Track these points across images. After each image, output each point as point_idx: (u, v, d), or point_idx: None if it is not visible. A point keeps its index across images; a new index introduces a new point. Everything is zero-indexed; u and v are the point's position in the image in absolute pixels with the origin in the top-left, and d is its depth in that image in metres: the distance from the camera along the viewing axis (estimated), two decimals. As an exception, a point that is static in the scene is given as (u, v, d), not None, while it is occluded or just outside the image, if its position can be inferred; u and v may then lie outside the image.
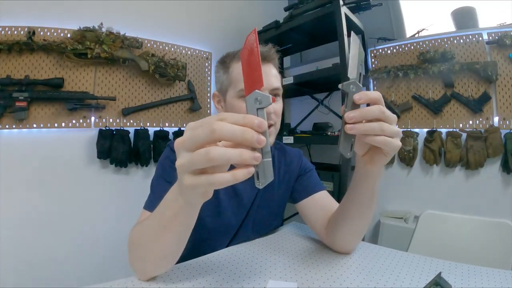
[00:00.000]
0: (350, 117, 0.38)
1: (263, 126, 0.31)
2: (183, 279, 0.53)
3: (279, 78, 0.70)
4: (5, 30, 1.23)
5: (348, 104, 0.39)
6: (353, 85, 0.39)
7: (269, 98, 0.32)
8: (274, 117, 0.67)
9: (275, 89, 0.67)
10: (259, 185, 0.33)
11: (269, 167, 0.32)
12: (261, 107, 0.32)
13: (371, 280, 0.54)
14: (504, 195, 1.38)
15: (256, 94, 0.32)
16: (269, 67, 0.68)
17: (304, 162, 0.81)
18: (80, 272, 1.37)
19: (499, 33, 1.39)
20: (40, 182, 1.31)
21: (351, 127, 0.38)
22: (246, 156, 0.30)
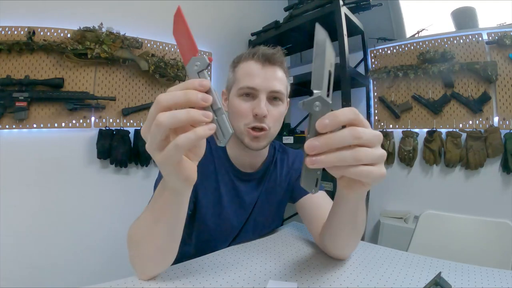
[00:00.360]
0: (311, 148, 0.30)
1: (205, 84, 0.32)
2: (183, 279, 0.53)
3: (284, 82, 0.68)
4: (5, 30, 1.23)
5: (311, 129, 0.31)
6: (319, 102, 0.30)
7: (205, 59, 0.33)
8: (268, 121, 0.64)
9: (274, 91, 0.64)
10: (220, 143, 0.33)
11: (223, 123, 0.33)
12: (201, 70, 0.33)
13: (371, 280, 0.55)
14: (504, 195, 1.39)
15: (194, 60, 0.33)
16: (273, 70, 0.65)
17: None
18: (80, 272, 1.37)
19: (499, 33, 1.39)
20: (40, 182, 1.31)
21: (312, 160, 0.30)
22: (194, 113, 0.31)
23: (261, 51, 0.65)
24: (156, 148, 0.33)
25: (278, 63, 0.66)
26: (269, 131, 0.65)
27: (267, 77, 0.64)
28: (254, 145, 0.65)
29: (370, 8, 1.62)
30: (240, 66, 0.68)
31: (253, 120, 0.63)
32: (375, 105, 1.82)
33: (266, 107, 0.63)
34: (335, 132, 0.30)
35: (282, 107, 0.68)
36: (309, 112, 0.31)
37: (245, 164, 0.73)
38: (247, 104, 0.64)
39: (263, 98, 0.63)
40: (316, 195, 0.71)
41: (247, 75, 0.65)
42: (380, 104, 1.79)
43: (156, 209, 0.45)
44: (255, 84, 0.63)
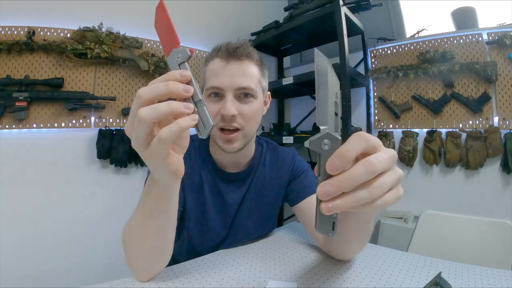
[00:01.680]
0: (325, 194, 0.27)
1: (186, 75, 0.32)
2: (183, 279, 0.53)
3: (255, 76, 0.62)
4: (5, 30, 1.23)
5: (321, 170, 0.28)
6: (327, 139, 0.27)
7: (186, 51, 0.33)
8: (240, 120, 0.60)
9: (241, 88, 0.60)
10: (201, 135, 0.33)
11: (204, 115, 0.33)
12: (182, 61, 0.33)
13: (371, 280, 0.54)
14: (504, 195, 1.38)
15: (175, 52, 0.33)
16: (239, 64, 0.61)
17: (298, 163, 0.76)
18: (80, 272, 1.37)
19: (499, 33, 1.39)
20: (40, 182, 1.31)
21: (329, 208, 0.27)
22: (175, 105, 0.31)
23: (224, 46, 0.62)
24: (141, 144, 0.33)
25: (245, 56, 0.61)
26: (242, 131, 0.61)
27: (233, 74, 0.60)
28: (228, 148, 0.62)
29: (370, 8, 1.62)
30: (207, 65, 0.64)
31: (221, 121, 0.60)
32: (375, 105, 1.82)
33: (234, 106, 0.59)
34: (348, 170, 0.27)
35: (255, 103, 0.63)
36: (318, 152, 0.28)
37: (227, 163, 0.71)
38: (215, 105, 0.60)
39: (230, 97, 0.59)
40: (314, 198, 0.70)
41: (212, 74, 0.61)
42: (380, 104, 1.79)
43: (146, 208, 0.45)
44: (219, 83, 0.59)
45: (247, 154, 0.72)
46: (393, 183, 0.29)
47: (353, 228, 0.48)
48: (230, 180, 0.72)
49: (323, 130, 0.28)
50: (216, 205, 0.71)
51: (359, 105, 1.89)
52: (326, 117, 0.28)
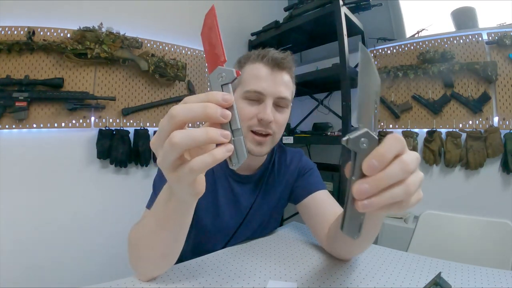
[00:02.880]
0: (362, 192, 0.27)
1: (228, 99, 0.29)
2: (183, 279, 0.53)
3: (290, 87, 0.66)
4: (5, 30, 1.23)
5: (356, 169, 0.28)
6: (365, 138, 0.27)
7: (232, 72, 0.30)
8: (273, 127, 0.63)
9: (282, 98, 0.63)
10: (233, 166, 0.31)
11: (240, 145, 0.30)
12: (225, 83, 0.30)
13: (371, 280, 0.55)
14: (504, 195, 1.39)
15: (219, 70, 0.30)
16: (281, 74, 0.64)
17: (304, 162, 0.79)
18: (80, 272, 1.37)
19: (499, 33, 1.39)
20: (40, 182, 1.31)
21: (365, 205, 0.27)
22: (212, 133, 0.29)
23: (271, 54, 0.63)
24: (169, 167, 0.31)
25: (287, 68, 0.65)
26: (273, 137, 0.65)
27: (275, 83, 0.62)
28: (257, 151, 0.64)
29: (370, 8, 1.62)
30: (247, 67, 0.65)
31: (257, 124, 0.62)
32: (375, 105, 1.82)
33: (272, 113, 0.62)
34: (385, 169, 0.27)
35: (287, 113, 0.67)
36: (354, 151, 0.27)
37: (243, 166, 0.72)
38: (253, 108, 0.63)
39: (270, 103, 0.62)
40: (320, 195, 0.71)
41: (255, 78, 0.63)
42: (380, 104, 1.79)
43: (160, 216, 0.44)
44: (262, 88, 0.61)
45: (261, 158, 0.74)
46: (420, 183, 0.30)
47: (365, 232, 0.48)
48: (243, 182, 0.73)
49: (362, 128, 0.27)
50: (229, 205, 0.72)
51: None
52: (366, 116, 0.28)
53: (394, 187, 0.27)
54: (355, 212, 0.29)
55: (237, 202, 0.73)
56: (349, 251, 0.60)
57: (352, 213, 0.29)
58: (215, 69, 0.31)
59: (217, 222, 0.71)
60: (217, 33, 0.31)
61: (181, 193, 0.37)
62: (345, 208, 0.30)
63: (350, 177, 0.28)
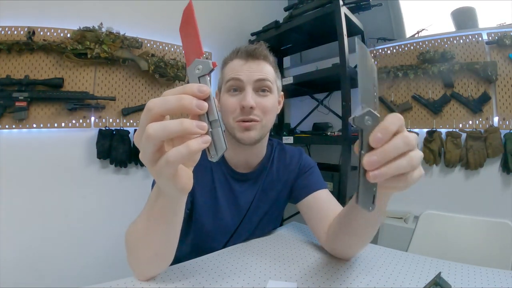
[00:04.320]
0: (371, 164, 0.30)
1: (204, 90, 0.29)
2: (183, 279, 0.53)
3: (270, 74, 0.67)
4: (5, 30, 1.23)
5: (364, 144, 0.31)
6: (369, 116, 0.31)
7: (208, 64, 0.31)
8: (258, 113, 0.63)
9: (259, 80, 0.64)
10: (211, 158, 0.31)
11: (218, 137, 0.30)
12: (202, 74, 0.31)
13: (371, 280, 0.55)
14: (504, 195, 1.38)
15: (196, 63, 0.31)
16: (257, 63, 0.65)
17: (305, 161, 0.79)
18: (80, 272, 1.37)
19: (499, 33, 1.39)
20: (40, 182, 1.31)
21: (375, 175, 0.30)
22: (187, 124, 0.28)
23: (243, 47, 0.67)
24: (148, 161, 0.32)
25: (262, 56, 0.66)
26: (260, 123, 0.64)
27: (251, 69, 0.64)
28: (245, 137, 0.64)
29: (370, 8, 1.62)
30: (229, 63, 0.68)
31: (240, 113, 0.63)
32: (375, 105, 1.82)
33: (253, 99, 0.62)
34: (390, 142, 0.30)
35: (271, 98, 0.66)
36: (360, 128, 0.31)
37: (241, 163, 0.72)
38: (234, 98, 0.64)
39: (249, 89, 0.63)
40: (321, 194, 0.71)
41: (232, 70, 0.65)
42: (380, 104, 1.79)
43: (151, 215, 0.44)
44: (239, 75, 0.64)
45: (259, 154, 0.74)
46: (420, 159, 0.33)
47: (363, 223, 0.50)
48: (242, 180, 0.73)
49: (365, 108, 0.31)
50: (229, 204, 0.72)
51: (359, 105, 1.89)
52: (368, 96, 0.31)
53: (399, 159, 0.31)
54: (368, 184, 0.32)
55: (236, 200, 0.73)
56: (349, 250, 0.61)
57: (365, 185, 0.32)
58: (193, 61, 0.31)
59: (217, 221, 0.71)
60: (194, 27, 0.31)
61: (166, 189, 0.37)
62: (358, 182, 0.32)
63: (359, 152, 0.31)
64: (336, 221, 0.59)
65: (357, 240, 0.56)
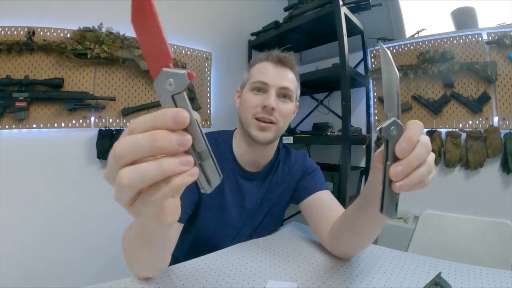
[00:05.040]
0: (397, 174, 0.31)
1: (181, 118, 0.22)
2: (183, 279, 0.53)
3: (294, 83, 0.71)
4: (5, 30, 1.23)
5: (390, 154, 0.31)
6: (394, 126, 0.31)
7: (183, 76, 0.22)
8: (277, 115, 0.67)
9: (283, 88, 0.68)
10: (204, 191, 0.26)
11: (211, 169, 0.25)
12: (177, 92, 0.22)
13: (371, 280, 0.55)
14: (504, 195, 1.38)
15: (165, 75, 0.22)
16: (285, 70, 0.70)
17: (309, 163, 0.81)
18: (80, 272, 1.37)
19: (499, 33, 1.39)
20: (40, 182, 1.31)
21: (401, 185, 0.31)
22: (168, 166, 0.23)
23: (275, 53, 0.71)
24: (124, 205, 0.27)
25: (290, 65, 0.70)
26: (276, 125, 0.68)
27: (278, 75, 0.68)
28: (261, 136, 0.67)
29: (370, 8, 1.62)
30: (255, 66, 0.72)
31: (261, 112, 0.67)
32: (375, 105, 1.82)
33: (275, 102, 0.66)
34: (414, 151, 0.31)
35: (290, 105, 0.70)
36: (386, 138, 0.31)
37: (250, 162, 0.74)
38: (258, 97, 0.68)
39: (273, 92, 0.67)
40: (323, 195, 0.72)
41: (260, 72, 0.69)
42: (380, 104, 1.79)
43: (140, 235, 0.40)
44: (267, 79, 0.67)
45: (269, 155, 0.76)
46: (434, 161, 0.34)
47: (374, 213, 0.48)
48: (250, 179, 0.75)
49: (391, 117, 0.31)
50: (235, 201, 0.73)
51: (359, 105, 1.89)
52: (393, 106, 0.31)
53: (420, 167, 0.32)
54: (392, 194, 0.32)
55: (242, 198, 0.74)
56: (352, 249, 0.61)
57: (390, 195, 0.33)
58: (160, 72, 0.22)
59: (223, 219, 0.71)
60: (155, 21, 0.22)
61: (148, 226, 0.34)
62: (383, 191, 0.33)
63: (385, 162, 0.32)
64: (340, 220, 0.60)
65: (362, 239, 0.56)
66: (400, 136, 0.31)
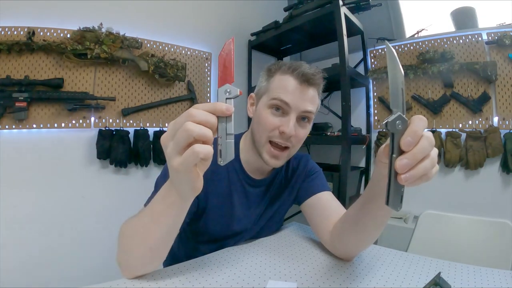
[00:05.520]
0: (403, 166, 0.32)
1: (230, 109, 0.36)
2: (183, 279, 0.53)
3: (316, 103, 0.67)
4: (5, 30, 1.23)
5: (395, 147, 0.33)
6: (399, 120, 0.32)
7: (236, 91, 0.37)
8: (293, 140, 0.64)
9: (306, 111, 0.64)
10: (221, 162, 0.37)
11: (230, 147, 0.37)
12: (230, 97, 0.37)
13: (371, 280, 0.55)
14: (504, 195, 1.38)
15: (227, 87, 0.37)
16: (309, 90, 0.64)
17: (311, 165, 0.81)
18: (80, 272, 1.37)
19: (499, 33, 1.39)
20: (40, 182, 1.31)
21: (407, 177, 0.32)
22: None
23: (302, 68, 0.63)
24: (177, 152, 0.36)
25: (317, 85, 0.66)
26: (289, 150, 0.66)
27: (302, 97, 0.63)
28: (272, 163, 0.65)
29: (369, 8, 1.62)
30: (276, 76, 0.66)
31: (278, 136, 0.63)
32: (375, 105, 1.82)
33: (294, 127, 0.62)
34: (418, 144, 0.32)
35: (308, 128, 0.68)
36: (391, 132, 0.33)
37: (254, 170, 0.74)
38: (276, 119, 0.63)
39: (293, 117, 0.62)
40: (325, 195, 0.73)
41: (283, 89, 0.63)
42: (380, 104, 1.79)
43: (156, 211, 0.46)
44: (289, 100, 0.62)
45: None
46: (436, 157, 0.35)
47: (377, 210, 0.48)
48: (256, 186, 0.74)
49: (396, 112, 0.33)
50: (243, 209, 0.73)
51: (359, 105, 1.89)
52: (398, 101, 0.33)
53: (424, 160, 0.33)
54: (398, 186, 0.34)
55: (250, 205, 0.74)
56: (353, 249, 0.61)
57: (396, 187, 0.34)
58: (224, 85, 0.37)
59: (230, 226, 0.72)
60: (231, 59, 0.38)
61: (181, 185, 0.40)
62: (389, 184, 0.34)
63: (390, 155, 0.33)
64: (343, 220, 0.60)
65: (364, 238, 0.56)
66: (405, 130, 0.32)
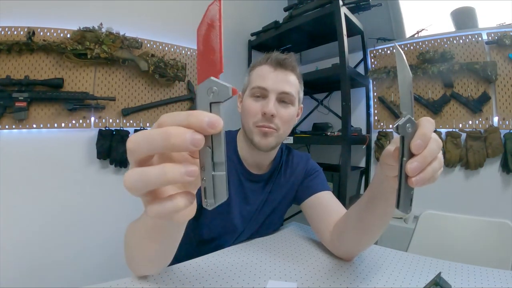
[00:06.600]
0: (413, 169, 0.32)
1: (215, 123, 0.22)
2: (183, 279, 0.53)
3: (295, 86, 0.69)
4: (5, 30, 1.23)
5: (406, 150, 0.32)
6: (409, 123, 0.32)
7: (227, 89, 0.23)
8: (277, 122, 0.66)
9: (283, 93, 0.66)
10: (207, 206, 0.24)
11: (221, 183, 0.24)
12: (216, 101, 0.23)
13: (371, 280, 0.55)
14: (504, 195, 1.38)
15: (211, 83, 0.23)
16: (285, 73, 0.68)
17: (311, 165, 0.81)
18: (80, 272, 1.37)
19: (499, 33, 1.39)
20: (40, 182, 1.31)
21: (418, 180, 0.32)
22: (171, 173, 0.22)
23: (274, 55, 0.68)
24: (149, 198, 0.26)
25: (290, 67, 0.69)
26: (277, 131, 0.67)
27: (278, 80, 0.66)
28: (263, 143, 0.66)
29: (369, 8, 1.62)
30: (254, 70, 0.71)
31: (261, 119, 0.66)
32: (375, 105, 1.82)
33: (275, 108, 0.65)
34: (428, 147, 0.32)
35: (291, 109, 0.69)
36: (402, 135, 0.32)
37: (254, 164, 0.74)
38: (257, 103, 0.67)
39: (272, 98, 0.65)
40: (325, 195, 0.73)
41: (260, 77, 0.68)
42: (380, 104, 1.79)
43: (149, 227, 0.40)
44: (266, 84, 0.66)
45: (271, 157, 0.76)
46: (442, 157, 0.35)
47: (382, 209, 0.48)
48: (254, 181, 0.75)
49: (406, 115, 0.32)
50: (240, 203, 0.73)
51: (359, 105, 1.89)
52: (407, 104, 0.33)
53: (432, 162, 0.33)
54: (408, 189, 0.33)
55: (247, 201, 0.74)
56: (355, 249, 0.61)
57: (406, 190, 0.33)
58: (207, 79, 0.23)
59: (228, 221, 0.72)
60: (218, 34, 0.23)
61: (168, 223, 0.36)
62: (399, 187, 0.33)
63: (400, 159, 0.33)
64: (344, 219, 0.60)
65: (366, 237, 0.56)
66: (414, 133, 0.32)
